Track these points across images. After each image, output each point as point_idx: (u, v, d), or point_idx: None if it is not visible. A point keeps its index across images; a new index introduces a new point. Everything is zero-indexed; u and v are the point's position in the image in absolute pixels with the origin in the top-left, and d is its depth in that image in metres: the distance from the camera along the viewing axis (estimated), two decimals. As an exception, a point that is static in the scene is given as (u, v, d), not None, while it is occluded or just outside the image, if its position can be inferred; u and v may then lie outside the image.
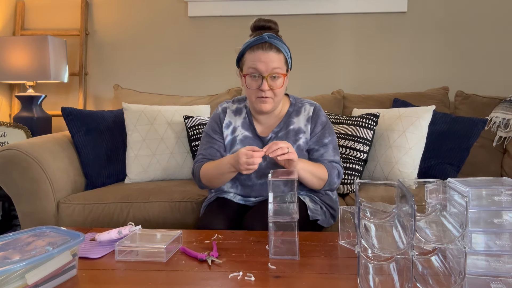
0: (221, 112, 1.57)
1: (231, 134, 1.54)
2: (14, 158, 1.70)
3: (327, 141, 1.51)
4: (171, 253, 1.12)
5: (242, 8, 2.65)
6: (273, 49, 1.39)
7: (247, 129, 1.54)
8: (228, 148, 1.54)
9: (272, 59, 1.38)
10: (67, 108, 1.99)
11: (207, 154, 1.54)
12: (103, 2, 2.77)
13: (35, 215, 1.74)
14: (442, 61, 2.60)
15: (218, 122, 1.56)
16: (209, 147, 1.55)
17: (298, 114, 1.54)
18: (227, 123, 1.55)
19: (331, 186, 1.49)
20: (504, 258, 0.86)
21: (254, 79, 1.41)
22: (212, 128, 1.57)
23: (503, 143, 2.20)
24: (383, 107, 2.27)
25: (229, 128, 1.55)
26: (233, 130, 1.54)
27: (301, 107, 1.55)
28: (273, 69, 1.39)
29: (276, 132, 1.52)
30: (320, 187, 1.47)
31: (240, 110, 1.57)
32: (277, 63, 1.39)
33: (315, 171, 1.43)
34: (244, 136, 1.52)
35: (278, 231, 1.10)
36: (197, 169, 1.51)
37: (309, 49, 2.67)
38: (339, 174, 1.50)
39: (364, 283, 0.88)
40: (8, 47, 2.41)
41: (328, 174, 1.45)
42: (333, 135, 1.54)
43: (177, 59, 2.74)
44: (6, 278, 0.82)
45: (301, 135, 1.51)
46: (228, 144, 1.54)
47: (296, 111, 1.54)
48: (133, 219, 1.74)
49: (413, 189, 1.76)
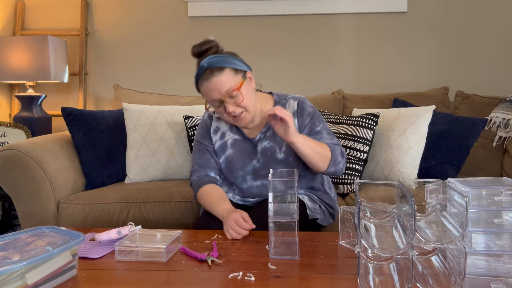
0: (207, 118, 1.56)
1: (220, 139, 1.52)
2: (14, 158, 1.70)
3: (319, 128, 1.47)
4: (171, 253, 1.12)
5: (242, 8, 2.66)
6: (215, 73, 1.35)
7: (235, 132, 1.51)
8: (219, 153, 1.51)
9: (218, 84, 1.34)
10: (67, 108, 1.99)
11: (202, 162, 1.52)
12: (103, 2, 2.77)
13: (35, 215, 1.74)
14: (442, 61, 2.60)
15: (205, 129, 1.55)
16: (202, 155, 1.53)
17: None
18: (214, 128, 1.53)
19: (336, 167, 1.42)
20: (504, 258, 0.86)
21: (218, 107, 1.39)
22: (201, 135, 1.55)
23: (503, 143, 2.20)
24: (383, 107, 2.27)
25: (218, 133, 1.53)
26: (222, 135, 1.52)
27: (285, 103, 1.51)
28: (226, 91, 1.35)
29: (264, 132, 1.49)
30: (325, 167, 1.40)
31: None
32: (226, 84, 1.35)
33: (316, 147, 1.37)
34: (234, 140, 1.50)
35: (278, 231, 1.10)
36: (195, 187, 1.48)
37: (309, 49, 2.67)
38: (342, 153, 1.44)
39: (364, 283, 0.88)
40: (8, 47, 2.41)
41: (331, 151, 1.40)
42: (323, 122, 1.50)
43: (177, 59, 2.74)
44: (6, 278, 0.82)
45: None
46: (219, 149, 1.51)
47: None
48: (133, 219, 1.74)
49: (413, 189, 1.76)
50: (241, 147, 1.48)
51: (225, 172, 1.51)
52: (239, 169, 1.48)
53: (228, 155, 1.49)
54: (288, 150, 1.45)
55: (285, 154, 1.45)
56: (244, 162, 1.48)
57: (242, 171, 1.48)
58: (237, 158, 1.48)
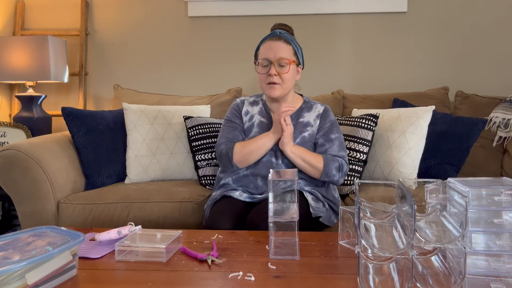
0: (240, 102, 1.73)
1: (249, 121, 1.68)
2: (14, 158, 1.70)
3: (334, 137, 1.60)
4: (171, 253, 1.12)
5: (242, 8, 2.65)
6: (282, 40, 1.55)
7: (263, 116, 1.67)
8: (247, 134, 1.65)
9: (279, 48, 1.53)
10: (67, 108, 1.99)
11: (231, 137, 1.64)
12: (103, 2, 2.77)
13: (35, 215, 1.74)
14: (442, 61, 2.60)
15: (237, 110, 1.71)
16: (231, 130, 1.66)
17: (309, 110, 1.67)
18: (245, 111, 1.70)
19: (330, 178, 1.55)
20: (504, 258, 0.86)
21: (264, 67, 1.55)
22: (232, 115, 1.70)
23: (503, 143, 2.20)
24: (383, 107, 2.27)
25: (247, 115, 1.69)
26: (250, 118, 1.68)
27: (313, 105, 1.68)
28: (280, 57, 1.53)
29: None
30: (316, 177, 1.55)
31: (257, 102, 1.72)
32: (284, 52, 1.54)
33: (307, 157, 1.52)
34: (260, 121, 1.65)
35: (278, 231, 1.10)
36: (228, 148, 1.58)
37: (309, 49, 2.66)
38: (341, 167, 1.54)
39: (364, 283, 0.88)
40: (8, 47, 2.41)
41: (324, 164, 1.52)
42: (340, 133, 1.63)
43: (177, 59, 2.74)
44: (6, 278, 0.82)
45: (308, 128, 1.62)
46: (247, 129, 1.66)
47: (308, 108, 1.67)
48: (133, 219, 1.74)
49: (413, 189, 1.77)
50: (266, 127, 1.63)
51: None
52: None
53: (254, 134, 1.63)
54: (301, 143, 1.59)
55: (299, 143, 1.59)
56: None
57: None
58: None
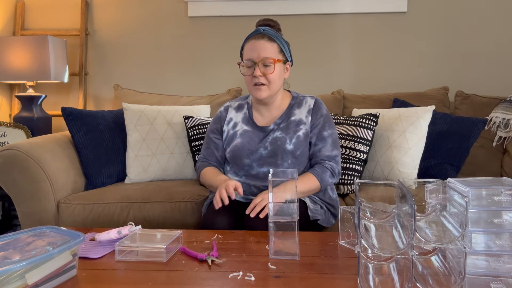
0: (223, 110, 1.67)
1: (232, 129, 1.61)
2: (14, 158, 1.70)
3: (327, 134, 1.55)
4: (171, 253, 1.12)
5: (242, 8, 2.65)
6: (265, 38, 1.48)
7: (246, 123, 1.60)
8: (228, 142, 1.60)
9: (263, 47, 1.46)
10: (67, 108, 1.99)
11: (205, 154, 1.66)
12: (103, 2, 2.77)
13: (35, 215, 1.74)
14: (442, 61, 2.60)
15: (217, 121, 1.66)
16: (206, 147, 1.67)
17: (299, 106, 1.59)
18: (228, 120, 1.64)
19: (329, 185, 1.56)
20: (504, 258, 0.86)
21: (249, 68, 1.50)
22: (211, 129, 1.67)
23: (503, 143, 2.20)
24: (383, 107, 2.27)
25: (230, 124, 1.63)
26: (233, 125, 1.62)
27: (303, 100, 1.61)
28: (264, 57, 1.46)
29: (278, 123, 1.56)
30: (319, 191, 1.55)
31: (242, 106, 1.65)
32: (268, 52, 1.47)
33: (303, 189, 1.47)
34: (244, 130, 1.59)
35: (278, 231, 1.10)
36: (198, 170, 1.65)
37: (309, 49, 2.67)
38: (333, 173, 1.53)
39: (364, 283, 0.88)
40: (8, 47, 2.41)
41: (319, 180, 1.50)
42: (333, 128, 1.58)
43: (177, 59, 2.74)
44: (6, 278, 0.82)
45: (301, 126, 1.55)
46: (229, 138, 1.60)
47: (298, 104, 1.60)
48: (133, 219, 1.74)
49: (413, 189, 1.76)
50: (249, 137, 1.56)
51: (232, 159, 1.57)
52: (245, 158, 1.54)
53: (236, 144, 1.57)
54: (297, 143, 1.52)
55: (294, 146, 1.51)
56: (250, 151, 1.53)
57: (248, 159, 1.53)
58: (244, 148, 1.55)
